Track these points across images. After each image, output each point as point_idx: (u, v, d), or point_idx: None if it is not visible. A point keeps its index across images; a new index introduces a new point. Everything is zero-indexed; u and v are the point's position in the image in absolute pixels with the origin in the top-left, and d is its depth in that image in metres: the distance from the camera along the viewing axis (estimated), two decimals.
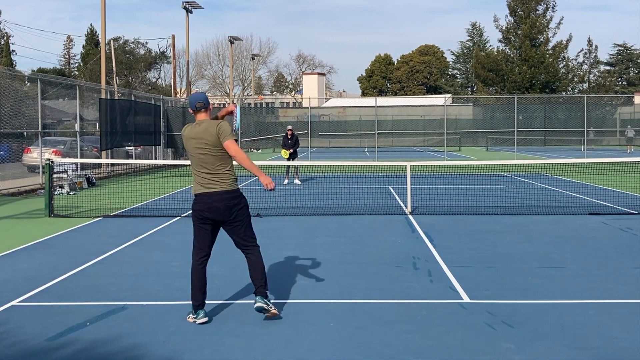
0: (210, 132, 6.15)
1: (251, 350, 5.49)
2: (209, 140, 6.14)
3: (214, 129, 6.15)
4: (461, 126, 35.91)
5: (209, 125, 6.21)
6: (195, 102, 6.30)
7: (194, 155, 6.23)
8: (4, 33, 64.80)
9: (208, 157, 6.16)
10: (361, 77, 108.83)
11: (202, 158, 6.18)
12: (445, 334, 5.87)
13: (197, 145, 6.18)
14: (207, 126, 6.20)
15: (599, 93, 57.51)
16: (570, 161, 22.87)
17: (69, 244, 10.54)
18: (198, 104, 6.28)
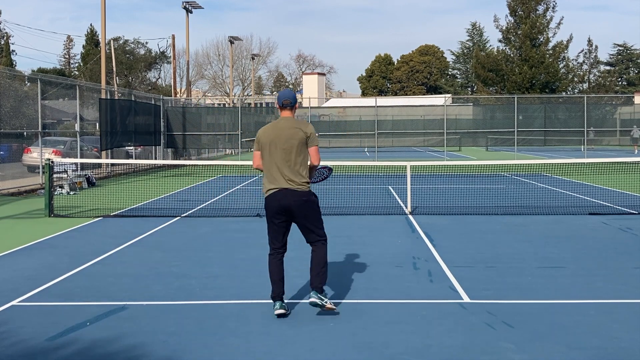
0: (300, 130, 6.30)
1: (251, 350, 5.49)
2: (297, 136, 6.28)
3: (303, 132, 6.32)
4: (461, 126, 35.88)
5: (295, 123, 6.37)
6: (283, 98, 6.43)
7: (276, 151, 6.29)
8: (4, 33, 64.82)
9: (291, 154, 6.29)
10: (361, 77, 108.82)
11: (286, 155, 6.29)
12: (445, 334, 5.87)
13: (284, 140, 6.28)
14: (295, 124, 6.36)
15: (599, 93, 57.51)
16: (570, 161, 22.87)
17: (69, 244, 10.54)
18: (285, 100, 6.42)
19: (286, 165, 6.30)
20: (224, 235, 11.26)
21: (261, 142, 6.42)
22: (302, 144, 6.33)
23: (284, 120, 6.43)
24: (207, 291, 7.43)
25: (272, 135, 6.35)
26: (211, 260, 9.18)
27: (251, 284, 7.74)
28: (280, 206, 6.31)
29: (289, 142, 6.29)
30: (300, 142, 6.31)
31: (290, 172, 6.31)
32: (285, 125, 6.37)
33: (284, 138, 6.29)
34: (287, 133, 6.31)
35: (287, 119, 6.43)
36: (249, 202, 15.38)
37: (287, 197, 6.29)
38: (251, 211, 13.88)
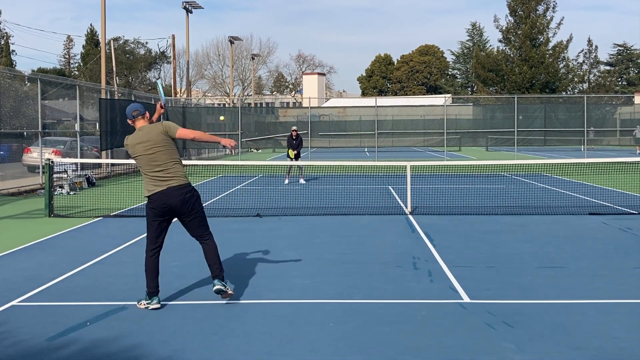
0: (156, 133, 6.65)
1: (251, 350, 5.49)
2: (156, 140, 6.63)
3: (159, 129, 6.67)
4: (461, 126, 35.88)
5: (150, 128, 6.73)
6: (131, 111, 6.83)
7: (143, 158, 6.69)
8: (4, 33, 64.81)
9: (158, 155, 6.64)
10: (361, 77, 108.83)
11: (152, 157, 6.65)
12: (445, 334, 5.87)
13: (145, 147, 6.65)
14: (149, 129, 6.72)
15: (599, 93, 57.49)
16: (570, 161, 22.87)
17: (69, 244, 10.54)
18: (134, 112, 6.82)
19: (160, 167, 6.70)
20: (224, 235, 11.24)
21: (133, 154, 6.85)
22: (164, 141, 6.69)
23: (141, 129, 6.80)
24: (207, 291, 7.42)
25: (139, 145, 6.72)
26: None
27: (251, 284, 7.74)
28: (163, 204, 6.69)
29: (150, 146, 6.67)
30: (161, 140, 6.68)
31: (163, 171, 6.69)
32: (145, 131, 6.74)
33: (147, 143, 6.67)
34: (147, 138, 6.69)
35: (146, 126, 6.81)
36: (249, 202, 15.38)
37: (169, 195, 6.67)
38: (251, 211, 13.87)
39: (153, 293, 6.71)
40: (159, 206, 6.65)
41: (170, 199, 6.61)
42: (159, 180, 6.65)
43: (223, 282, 6.76)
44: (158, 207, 6.66)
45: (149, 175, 6.71)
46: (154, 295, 6.71)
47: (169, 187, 6.61)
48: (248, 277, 8.11)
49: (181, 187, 6.66)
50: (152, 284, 6.72)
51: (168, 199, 6.61)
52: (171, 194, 6.61)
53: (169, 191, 6.61)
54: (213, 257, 6.84)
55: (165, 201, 6.62)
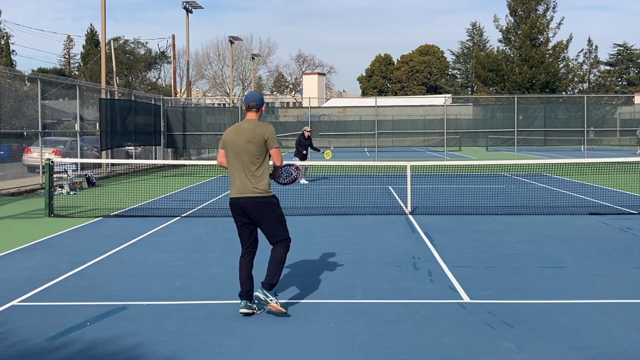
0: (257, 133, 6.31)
1: (251, 350, 5.49)
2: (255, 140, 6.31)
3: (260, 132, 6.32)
4: (461, 126, 35.87)
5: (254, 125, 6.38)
6: (250, 100, 6.46)
7: (235, 154, 6.37)
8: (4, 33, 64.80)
9: (250, 158, 6.35)
10: (361, 77, 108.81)
11: (244, 159, 6.37)
12: (445, 334, 5.87)
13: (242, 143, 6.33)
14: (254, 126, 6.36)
15: (599, 93, 57.54)
16: (570, 161, 22.88)
17: (69, 244, 10.54)
18: (252, 102, 6.44)
19: (246, 168, 6.40)
20: (223, 235, 11.25)
21: (224, 144, 6.51)
22: (261, 147, 6.36)
23: (247, 123, 6.45)
24: (207, 291, 7.43)
25: (235, 137, 6.40)
26: (211, 260, 9.18)
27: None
28: (241, 210, 6.53)
29: (248, 147, 6.33)
30: (259, 145, 6.34)
31: (247, 175, 6.41)
32: (248, 127, 6.39)
33: (246, 141, 6.33)
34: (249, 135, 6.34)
35: (251, 121, 6.46)
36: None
37: (245, 203, 6.50)
38: None
39: (242, 296, 6.45)
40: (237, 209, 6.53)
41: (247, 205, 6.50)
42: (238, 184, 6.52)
43: (265, 293, 6.38)
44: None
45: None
46: (243, 298, 6.44)
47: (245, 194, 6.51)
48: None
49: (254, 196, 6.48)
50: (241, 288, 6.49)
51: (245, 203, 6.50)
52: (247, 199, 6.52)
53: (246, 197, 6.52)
54: (274, 264, 6.66)
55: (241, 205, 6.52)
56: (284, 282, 7.83)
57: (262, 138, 6.31)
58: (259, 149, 6.32)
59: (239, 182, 6.46)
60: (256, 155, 6.33)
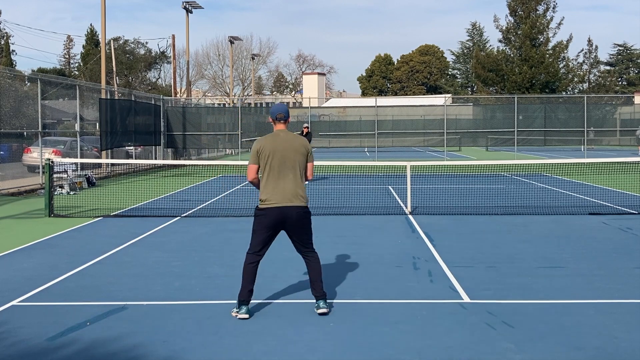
0: (301, 144, 6.49)
1: (251, 350, 5.49)
2: (301, 150, 6.47)
3: (304, 143, 6.52)
4: (461, 126, 35.87)
5: (295, 136, 6.56)
6: (278, 112, 6.52)
7: (279, 163, 6.36)
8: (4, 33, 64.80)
9: (296, 165, 6.43)
10: (361, 77, 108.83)
11: (288, 169, 6.40)
12: (445, 334, 5.87)
13: (288, 152, 6.39)
14: (296, 137, 6.54)
15: (599, 93, 57.52)
16: (570, 161, 22.87)
17: (69, 244, 10.54)
18: (280, 114, 6.51)
19: (290, 177, 6.38)
20: (223, 235, 11.25)
21: (263, 154, 6.40)
22: (304, 158, 6.50)
23: (284, 133, 6.50)
24: (207, 291, 7.43)
25: (277, 146, 6.38)
26: (211, 260, 9.18)
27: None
28: (281, 220, 6.36)
29: (293, 156, 6.40)
30: (303, 156, 6.48)
31: (293, 186, 6.38)
32: (288, 137, 6.47)
33: (291, 151, 6.39)
34: (293, 145, 6.42)
35: (286, 132, 6.53)
36: (248, 202, 15.38)
37: (289, 212, 6.36)
38: (251, 211, 13.84)
39: (245, 301, 6.38)
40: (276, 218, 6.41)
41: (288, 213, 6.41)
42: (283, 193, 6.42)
43: (327, 303, 6.50)
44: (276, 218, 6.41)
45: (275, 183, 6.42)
46: (244, 304, 6.37)
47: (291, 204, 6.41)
48: None
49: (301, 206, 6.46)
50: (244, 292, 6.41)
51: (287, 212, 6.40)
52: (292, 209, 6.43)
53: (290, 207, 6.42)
54: (319, 273, 6.64)
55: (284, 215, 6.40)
56: (284, 281, 7.84)
57: (306, 150, 6.51)
58: (303, 160, 6.48)
59: (282, 190, 6.37)
60: (302, 165, 6.46)
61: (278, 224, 6.40)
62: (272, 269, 8.54)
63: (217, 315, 6.49)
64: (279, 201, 6.35)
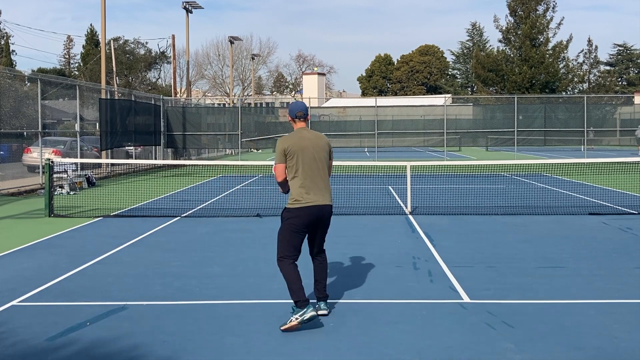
0: (325, 142, 6.42)
1: (251, 350, 5.49)
2: (326, 148, 6.41)
3: (327, 142, 6.45)
4: (461, 126, 35.87)
5: (319, 135, 6.46)
6: (298, 110, 6.44)
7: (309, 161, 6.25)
8: (4, 33, 64.80)
9: (324, 163, 6.34)
10: (361, 77, 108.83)
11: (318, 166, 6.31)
12: (445, 334, 5.87)
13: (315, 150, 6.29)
14: (318, 135, 6.45)
15: (599, 93, 57.51)
16: (570, 161, 22.87)
17: (69, 244, 10.54)
18: (299, 112, 6.43)
19: (320, 175, 6.30)
20: (223, 235, 11.25)
21: (290, 152, 6.23)
22: (328, 156, 6.44)
23: (307, 131, 6.42)
24: (207, 291, 7.42)
25: (304, 144, 6.27)
26: (211, 260, 9.18)
27: (251, 284, 7.74)
28: (317, 218, 6.25)
29: (321, 153, 6.32)
30: (328, 154, 6.42)
31: (324, 183, 6.33)
32: (312, 135, 6.39)
33: (318, 148, 6.31)
34: (319, 143, 6.35)
35: (309, 130, 6.46)
36: (248, 202, 15.39)
37: (324, 210, 6.28)
38: (251, 211, 13.88)
39: (305, 302, 6.02)
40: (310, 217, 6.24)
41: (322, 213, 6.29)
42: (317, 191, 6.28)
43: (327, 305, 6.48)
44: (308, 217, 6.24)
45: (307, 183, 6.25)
46: (306, 305, 6.00)
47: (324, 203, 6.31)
48: (248, 277, 8.11)
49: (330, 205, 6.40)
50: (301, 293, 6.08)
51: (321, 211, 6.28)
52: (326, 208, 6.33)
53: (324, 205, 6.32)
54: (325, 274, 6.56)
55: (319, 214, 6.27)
56: (282, 282, 7.82)
57: (329, 147, 6.46)
58: (328, 158, 6.42)
59: (318, 189, 6.25)
60: (326, 164, 6.38)
61: (312, 223, 6.24)
62: (271, 268, 8.53)
63: (217, 315, 6.49)
64: (316, 200, 6.21)
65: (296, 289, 6.06)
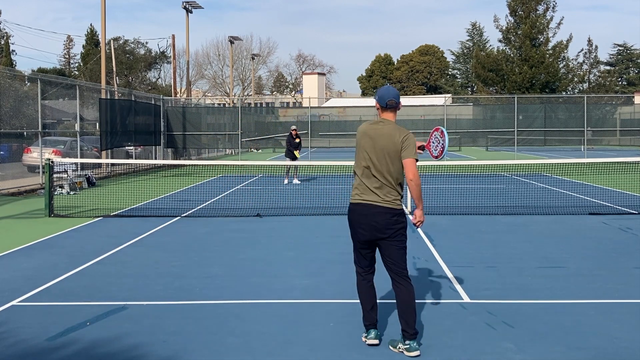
0: (394, 139, 5.35)
1: (251, 350, 5.49)
2: (390, 147, 5.36)
3: (398, 137, 5.36)
4: (461, 126, 35.87)
5: (393, 129, 5.41)
6: (390, 97, 5.43)
7: (367, 157, 5.43)
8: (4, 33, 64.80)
9: (383, 165, 5.39)
10: (361, 77, 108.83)
11: (375, 164, 5.41)
12: (445, 334, 5.87)
13: (375, 147, 5.38)
14: (392, 130, 5.40)
15: (599, 93, 57.53)
16: (570, 161, 22.87)
17: (69, 244, 10.54)
18: (390, 101, 5.43)
19: (379, 176, 5.45)
20: (224, 235, 11.25)
21: (359, 144, 5.53)
22: (397, 153, 5.39)
23: (383, 123, 5.47)
24: (207, 291, 7.42)
25: (372, 137, 5.43)
26: (211, 260, 9.18)
27: (251, 284, 7.74)
28: (366, 222, 5.57)
29: (386, 150, 5.37)
30: (396, 151, 5.38)
31: (383, 184, 5.47)
32: (385, 130, 5.42)
33: (383, 144, 5.37)
34: (387, 139, 5.38)
35: (386, 122, 5.47)
36: (249, 202, 15.38)
37: (372, 213, 5.53)
38: (251, 211, 13.88)
39: (369, 325, 5.60)
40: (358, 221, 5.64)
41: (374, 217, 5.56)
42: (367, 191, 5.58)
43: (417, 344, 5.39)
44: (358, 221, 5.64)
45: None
46: (371, 328, 5.60)
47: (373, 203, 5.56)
48: (248, 277, 8.11)
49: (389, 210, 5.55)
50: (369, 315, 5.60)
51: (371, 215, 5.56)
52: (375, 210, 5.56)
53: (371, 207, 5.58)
54: (408, 306, 5.45)
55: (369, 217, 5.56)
56: (284, 281, 7.83)
57: (400, 143, 5.37)
58: (396, 156, 5.39)
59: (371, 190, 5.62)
60: (392, 163, 5.42)
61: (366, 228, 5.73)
62: (271, 268, 8.54)
63: (217, 315, 6.49)
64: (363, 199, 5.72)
65: (363, 310, 5.64)
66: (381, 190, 5.48)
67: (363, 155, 5.50)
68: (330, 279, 7.96)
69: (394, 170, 5.43)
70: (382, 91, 5.50)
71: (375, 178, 5.47)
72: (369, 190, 5.54)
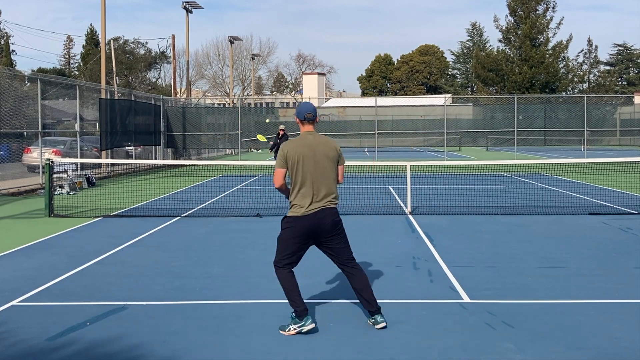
0: (331, 145, 6.05)
1: (251, 350, 5.49)
2: (330, 153, 6.01)
3: (333, 144, 6.08)
4: (461, 126, 35.87)
5: (325, 138, 6.12)
6: (307, 111, 6.07)
7: (310, 170, 5.92)
8: (4, 33, 64.79)
9: (328, 171, 5.98)
10: (361, 77, 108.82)
11: (322, 174, 5.96)
12: (445, 334, 5.87)
13: (317, 157, 5.95)
14: (325, 139, 6.11)
15: (599, 93, 57.53)
16: (570, 161, 22.87)
17: (69, 244, 10.54)
18: (308, 114, 6.06)
19: (324, 183, 5.95)
20: (224, 235, 11.25)
21: (290, 158, 5.95)
22: (334, 163, 6.06)
23: (312, 136, 6.06)
24: (207, 291, 7.42)
25: (305, 152, 5.93)
26: (211, 260, 9.18)
27: (251, 284, 7.74)
28: (316, 226, 5.93)
29: (324, 161, 5.95)
30: (334, 161, 6.03)
31: (327, 191, 5.95)
32: (317, 142, 6.01)
33: (322, 156, 5.95)
34: (323, 150, 5.98)
35: (316, 134, 6.10)
36: (249, 202, 15.38)
37: (322, 218, 5.93)
38: (251, 211, 13.87)
39: (304, 311, 5.90)
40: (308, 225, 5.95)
41: (325, 220, 5.96)
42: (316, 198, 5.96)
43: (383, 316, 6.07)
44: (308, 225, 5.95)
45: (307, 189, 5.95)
46: (305, 315, 5.90)
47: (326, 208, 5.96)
48: (248, 277, 8.11)
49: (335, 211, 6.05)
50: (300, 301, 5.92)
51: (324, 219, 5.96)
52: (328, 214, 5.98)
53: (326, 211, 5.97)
54: (367, 285, 6.15)
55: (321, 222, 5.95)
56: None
57: (337, 154, 6.08)
58: (333, 167, 6.04)
59: (318, 198, 5.95)
60: (333, 172, 6.03)
61: (311, 233, 5.99)
62: (271, 268, 8.53)
63: (217, 315, 6.49)
64: (312, 208, 5.94)
65: (293, 297, 5.93)
66: (328, 194, 6.02)
67: (302, 167, 5.94)
68: (330, 279, 7.96)
69: (333, 174, 6.07)
70: (300, 107, 6.16)
71: (320, 184, 5.98)
72: (320, 197, 5.98)
